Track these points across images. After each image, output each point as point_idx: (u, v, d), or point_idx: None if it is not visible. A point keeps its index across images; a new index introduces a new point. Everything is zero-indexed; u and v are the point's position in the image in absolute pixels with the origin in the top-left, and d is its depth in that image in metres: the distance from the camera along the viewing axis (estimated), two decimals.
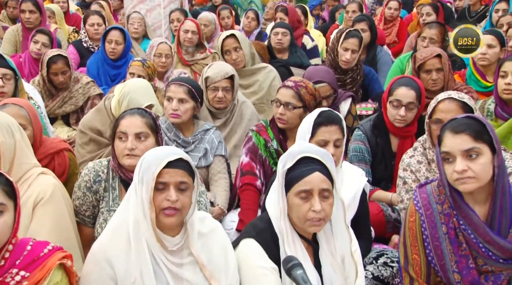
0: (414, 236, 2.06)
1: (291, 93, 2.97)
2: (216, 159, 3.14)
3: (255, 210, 2.90)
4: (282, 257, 1.88)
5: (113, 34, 4.54)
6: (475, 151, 1.91)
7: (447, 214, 2.00)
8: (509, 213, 1.96)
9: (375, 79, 4.48)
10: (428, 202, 2.04)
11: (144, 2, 5.72)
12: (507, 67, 3.23)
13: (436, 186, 2.07)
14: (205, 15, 5.78)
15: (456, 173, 1.91)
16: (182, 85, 3.10)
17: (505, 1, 5.53)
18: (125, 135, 2.33)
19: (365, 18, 5.16)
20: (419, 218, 2.04)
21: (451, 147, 1.93)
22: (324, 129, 2.42)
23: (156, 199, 1.81)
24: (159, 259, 1.83)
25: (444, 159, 1.96)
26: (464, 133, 1.93)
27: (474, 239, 1.95)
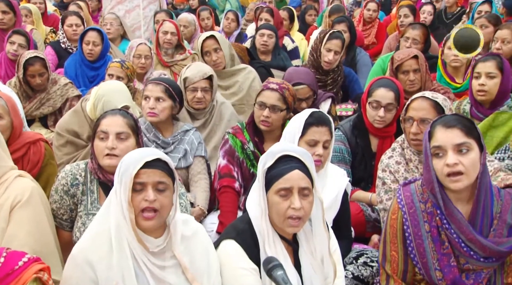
0: (394, 234, 2.07)
1: (277, 95, 2.98)
2: (196, 160, 3.13)
3: (234, 212, 2.90)
4: (262, 257, 1.88)
5: (90, 35, 4.49)
6: (466, 146, 1.94)
7: (430, 213, 2.02)
8: (490, 212, 1.99)
9: (355, 80, 4.52)
10: (412, 200, 2.06)
11: (123, 3, 5.67)
12: (480, 68, 3.28)
13: (419, 185, 2.09)
14: (185, 16, 5.76)
15: (447, 166, 1.93)
16: (159, 84, 3.09)
17: (487, 3, 5.61)
18: (106, 134, 2.31)
19: (345, 20, 5.19)
20: (402, 216, 2.06)
21: (443, 141, 1.95)
22: (314, 130, 2.45)
23: (135, 200, 1.80)
24: (141, 261, 1.82)
25: (434, 154, 1.97)
26: (456, 127, 1.96)
27: (456, 239, 1.97)
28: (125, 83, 3.89)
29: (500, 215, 1.99)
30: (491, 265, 1.99)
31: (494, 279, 2.03)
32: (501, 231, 1.97)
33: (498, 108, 3.28)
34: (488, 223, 1.98)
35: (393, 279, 2.09)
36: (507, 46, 4.08)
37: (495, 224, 1.98)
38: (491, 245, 1.94)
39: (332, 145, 2.52)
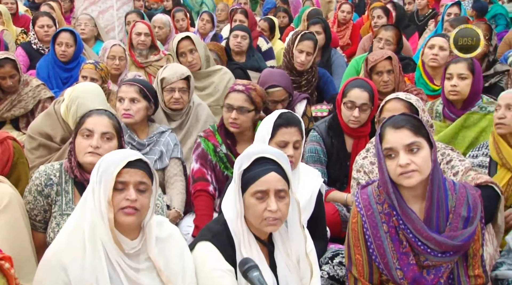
0: (356, 237, 2.10)
1: (243, 97, 2.98)
2: (172, 162, 3.11)
3: (210, 215, 2.89)
4: (238, 259, 1.88)
5: (63, 36, 4.42)
6: (416, 145, 1.98)
7: (387, 214, 2.05)
8: (445, 207, 2.03)
9: (329, 81, 4.55)
10: (369, 203, 2.09)
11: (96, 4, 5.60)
12: (452, 69, 3.34)
13: (376, 187, 2.12)
14: (160, 17, 5.72)
15: (400, 167, 1.96)
16: (133, 85, 3.07)
17: (456, 5, 5.71)
18: (91, 133, 2.32)
19: (320, 21, 5.23)
20: (361, 219, 2.08)
21: (394, 142, 1.99)
22: (284, 131, 2.45)
23: (115, 199, 1.79)
24: (115, 263, 1.80)
25: (387, 155, 2.01)
26: (404, 128, 2.00)
27: (413, 238, 2.00)
28: (99, 85, 3.85)
29: (455, 208, 2.03)
30: (449, 259, 2.03)
31: (457, 272, 2.07)
32: (456, 224, 2.02)
33: (469, 108, 3.34)
34: (444, 217, 2.03)
35: (360, 282, 2.12)
36: (443, 52, 4.13)
37: (451, 218, 2.02)
38: (445, 240, 1.98)
39: (302, 145, 2.53)
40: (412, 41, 5.99)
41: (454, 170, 2.59)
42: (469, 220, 2.03)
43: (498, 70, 4.17)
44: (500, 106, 2.84)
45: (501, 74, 4.15)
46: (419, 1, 7.16)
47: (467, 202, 2.04)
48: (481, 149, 3.00)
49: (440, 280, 2.03)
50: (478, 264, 2.08)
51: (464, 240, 2.00)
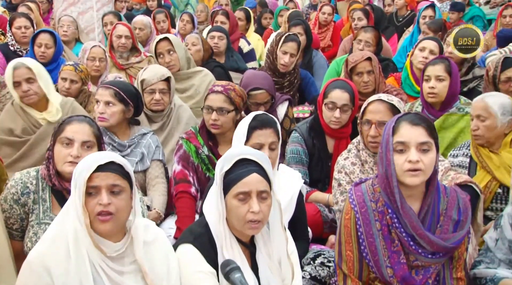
0: (348, 233, 2.11)
1: (222, 97, 2.97)
2: (153, 164, 3.09)
3: (192, 217, 2.87)
4: (220, 261, 1.88)
5: (42, 38, 4.37)
6: (428, 145, 2.00)
7: (381, 212, 2.06)
8: (437, 209, 2.05)
9: (311, 82, 4.57)
10: (363, 200, 2.10)
11: (75, 5, 5.54)
12: (430, 72, 3.37)
13: (370, 185, 2.13)
14: (140, 18, 5.68)
15: (409, 162, 1.97)
16: (109, 88, 3.04)
17: (431, 8, 5.77)
18: (71, 141, 2.26)
19: (301, 23, 5.25)
20: (354, 216, 2.09)
21: (409, 137, 1.99)
22: (259, 133, 2.44)
23: (89, 204, 1.77)
24: (98, 266, 1.78)
25: (396, 149, 2.01)
26: (421, 126, 2.01)
27: (406, 237, 2.02)
28: (79, 87, 3.83)
29: (446, 211, 2.05)
30: (438, 260, 2.05)
31: (443, 274, 2.10)
32: (447, 227, 2.04)
33: (447, 110, 3.38)
34: (435, 219, 2.05)
35: (350, 279, 2.12)
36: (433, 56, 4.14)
37: (442, 221, 2.05)
38: (438, 240, 2.00)
39: (279, 146, 2.52)
40: (392, 42, 6.05)
41: None
42: (459, 223, 2.05)
43: (476, 75, 4.21)
44: (472, 117, 2.88)
45: (479, 79, 4.19)
46: (397, 1, 7.23)
47: (457, 205, 2.07)
48: (462, 149, 3.04)
49: (428, 281, 2.05)
50: (461, 267, 2.11)
51: (456, 243, 2.03)
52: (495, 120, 2.80)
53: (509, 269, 2.13)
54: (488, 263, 2.18)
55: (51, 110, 3.28)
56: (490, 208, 2.87)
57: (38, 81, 3.20)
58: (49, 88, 3.30)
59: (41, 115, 3.27)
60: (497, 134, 2.84)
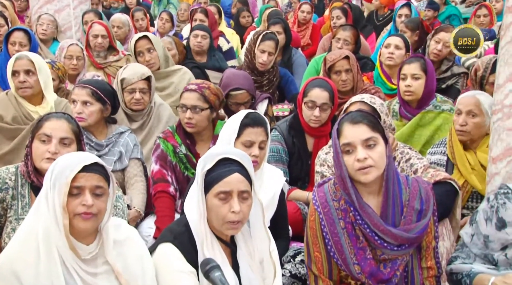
0: (314, 235, 2.13)
1: (196, 95, 2.96)
2: (132, 162, 3.07)
3: (171, 216, 2.86)
4: (200, 260, 1.87)
5: (16, 36, 4.28)
6: (373, 140, 2.02)
7: (344, 210, 2.09)
8: (400, 201, 2.08)
9: (290, 80, 4.58)
10: (325, 200, 2.11)
11: (51, 3, 5.44)
12: (406, 70, 3.41)
13: (332, 184, 2.15)
14: (118, 17, 5.62)
15: (358, 161, 1.99)
16: (85, 87, 3.01)
17: (407, 7, 5.83)
18: (49, 138, 2.24)
19: (280, 21, 5.26)
20: (318, 217, 2.11)
21: (352, 137, 2.02)
22: (250, 130, 2.45)
23: (70, 205, 1.74)
24: (71, 268, 1.76)
25: (344, 151, 2.04)
26: (362, 123, 2.04)
27: (370, 233, 2.04)
28: (57, 85, 3.78)
29: (409, 202, 2.08)
30: (404, 252, 2.07)
31: (412, 264, 2.13)
32: (410, 217, 2.07)
33: (424, 107, 3.42)
34: (399, 211, 2.07)
35: (321, 279, 2.14)
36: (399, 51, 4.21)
37: (405, 212, 2.07)
38: (401, 233, 2.03)
39: (268, 145, 2.54)
40: (370, 41, 6.09)
41: (413, 168, 2.65)
42: (422, 213, 2.08)
43: (454, 72, 4.29)
44: (461, 112, 2.87)
45: (457, 76, 4.27)
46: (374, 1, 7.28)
47: (419, 195, 2.09)
48: (440, 147, 3.07)
49: (396, 273, 2.08)
50: (430, 256, 2.14)
51: (419, 232, 2.05)
52: (484, 118, 2.83)
53: (484, 264, 2.17)
54: (464, 258, 2.22)
55: (45, 106, 3.27)
56: (466, 207, 2.91)
57: (37, 75, 3.21)
58: (47, 85, 3.29)
59: (35, 109, 3.25)
60: (482, 133, 2.87)
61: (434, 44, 4.28)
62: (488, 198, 2.21)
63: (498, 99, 2.38)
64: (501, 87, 2.37)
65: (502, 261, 2.12)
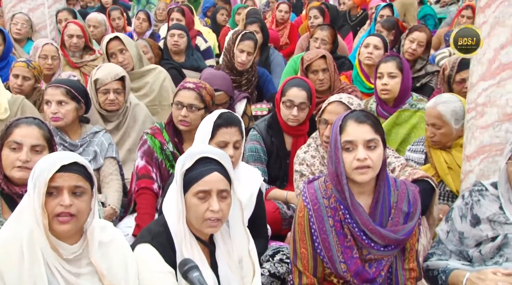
0: (302, 231, 2.13)
1: (194, 94, 2.95)
2: (107, 161, 3.05)
3: (152, 214, 2.85)
4: (179, 260, 1.86)
5: None
6: (374, 142, 2.03)
7: (334, 208, 2.10)
8: (388, 203, 2.10)
9: (269, 80, 4.59)
10: (316, 197, 2.12)
11: (25, 1, 5.34)
12: (382, 69, 3.45)
13: (323, 182, 2.16)
14: (94, 16, 5.56)
15: (357, 160, 2.00)
16: (59, 87, 2.98)
17: (389, 7, 5.90)
18: (20, 146, 2.18)
19: (257, 20, 5.27)
20: (307, 213, 2.11)
21: (355, 136, 2.03)
22: (224, 131, 2.44)
23: (49, 205, 1.72)
24: (54, 268, 1.74)
25: (345, 148, 2.04)
26: (366, 123, 2.04)
27: (358, 232, 2.06)
28: (32, 84, 3.72)
29: (397, 204, 2.10)
30: (390, 253, 2.10)
31: (396, 265, 2.15)
32: (398, 219, 2.09)
33: (400, 106, 3.46)
34: (387, 213, 2.09)
35: (305, 276, 2.15)
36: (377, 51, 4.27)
37: (393, 213, 2.09)
38: (389, 234, 2.05)
39: (243, 145, 2.54)
40: (347, 40, 6.14)
41: (391, 166, 2.68)
42: (409, 215, 2.10)
43: (428, 71, 4.36)
44: (428, 124, 2.93)
45: (431, 75, 4.34)
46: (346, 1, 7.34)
47: (407, 198, 2.12)
48: (419, 145, 3.11)
49: (381, 273, 2.10)
50: (413, 257, 2.16)
51: (406, 234, 2.07)
52: (449, 127, 2.87)
53: (459, 261, 2.20)
54: (440, 255, 2.25)
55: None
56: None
57: None
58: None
59: None
60: (453, 137, 2.92)
61: (408, 44, 4.34)
62: (463, 195, 2.24)
63: (472, 98, 2.43)
64: (474, 86, 2.41)
65: (476, 257, 2.15)
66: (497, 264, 2.08)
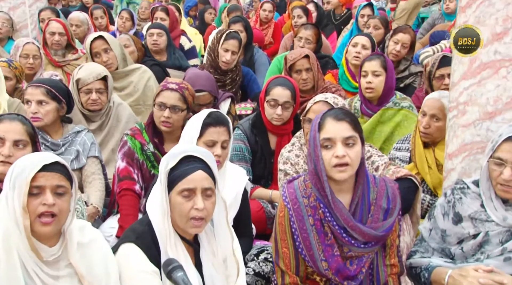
0: (283, 231, 2.14)
1: (177, 95, 2.94)
2: (89, 161, 3.03)
3: (135, 215, 2.83)
4: (163, 259, 1.86)
5: None
6: (353, 139, 2.04)
7: (313, 207, 2.11)
8: (368, 199, 2.12)
9: (253, 79, 4.59)
10: (295, 196, 2.13)
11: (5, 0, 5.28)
12: (367, 67, 3.47)
13: (302, 181, 2.17)
14: (76, 15, 5.51)
15: (336, 158, 2.01)
16: (40, 87, 2.96)
17: (369, 7, 5.93)
18: (2, 140, 2.19)
19: (241, 20, 5.27)
20: (288, 213, 2.12)
21: (333, 133, 2.04)
22: (212, 130, 2.44)
23: (31, 205, 1.70)
24: (32, 271, 1.72)
25: (323, 146, 2.05)
26: (345, 121, 2.06)
27: (338, 230, 2.07)
28: (13, 84, 3.68)
29: (376, 201, 2.12)
30: (371, 249, 2.11)
31: (377, 262, 2.17)
32: (377, 216, 2.11)
33: (384, 104, 3.48)
34: (367, 209, 2.11)
35: (287, 275, 2.16)
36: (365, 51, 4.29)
37: (372, 210, 2.11)
38: (369, 230, 2.06)
39: (230, 145, 2.54)
40: (331, 39, 6.17)
41: (374, 165, 2.70)
42: (389, 212, 2.12)
43: (412, 72, 4.39)
44: (425, 114, 2.90)
45: (414, 75, 4.37)
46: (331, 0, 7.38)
47: (386, 194, 2.13)
48: (404, 143, 3.12)
49: (362, 270, 2.11)
50: (394, 253, 2.18)
51: (386, 230, 2.09)
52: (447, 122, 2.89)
53: (442, 258, 2.22)
54: (423, 252, 2.27)
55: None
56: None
57: None
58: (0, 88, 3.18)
59: None
60: (443, 136, 2.93)
61: (393, 45, 4.37)
62: (445, 194, 2.27)
63: (453, 97, 2.45)
64: (456, 85, 2.44)
65: (458, 254, 2.18)
66: (478, 261, 2.11)
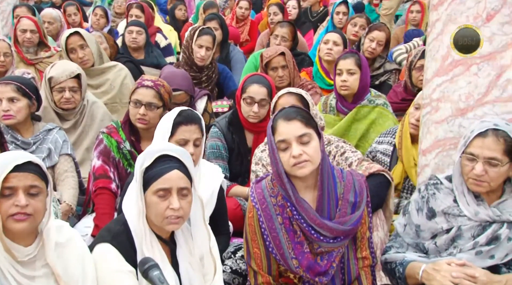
0: (253, 231, 2.15)
1: (152, 93, 2.91)
2: (62, 159, 3.00)
3: (111, 214, 2.81)
4: (139, 259, 1.85)
5: None
6: (307, 136, 2.05)
7: (281, 206, 2.12)
8: (335, 195, 2.13)
9: (229, 76, 4.59)
10: (263, 196, 2.14)
11: None
12: (341, 65, 3.50)
13: (270, 180, 2.18)
14: (49, 12, 5.42)
15: (293, 158, 2.02)
16: (9, 84, 2.91)
17: (344, 4, 5.97)
18: None
19: (216, 17, 5.26)
20: (256, 213, 2.13)
21: (286, 134, 2.05)
22: (184, 128, 2.42)
23: (3, 206, 1.67)
24: (7, 272, 1.69)
25: (279, 148, 2.06)
26: (296, 119, 2.06)
27: (306, 227, 2.08)
28: None
29: (343, 195, 2.14)
30: (340, 244, 2.13)
31: (348, 255, 2.19)
32: (345, 210, 2.12)
33: (360, 102, 3.52)
34: (334, 204, 2.12)
35: (260, 275, 2.17)
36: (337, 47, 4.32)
37: (340, 205, 2.13)
38: (337, 226, 2.08)
39: (203, 142, 2.53)
40: (308, 37, 6.19)
41: (348, 161, 2.72)
42: (356, 205, 2.14)
43: (387, 69, 4.45)
44: (419, 107, 2.88)
45: (389, 73, 4.43)
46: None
47: (354, 188, 2.15)
48: (387, 136, 3.14)
49: (332, 265, 2.13)
50: (365, 246, 2.20)
51: (353, 224, 2.11)
52: None
53: (416, 253, 2.26)
54: (398, 247, 2.30)
55: None
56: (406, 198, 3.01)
57: None
58: None
59: None
60: None
61: (368, 43, 4.41)
62: (419, 189, 2.29)
63: (427, 93, 2.48)
64: (429, 82, 2.47)
65: (432, 249, 2.21)
66: (451, 255, 2.14)
